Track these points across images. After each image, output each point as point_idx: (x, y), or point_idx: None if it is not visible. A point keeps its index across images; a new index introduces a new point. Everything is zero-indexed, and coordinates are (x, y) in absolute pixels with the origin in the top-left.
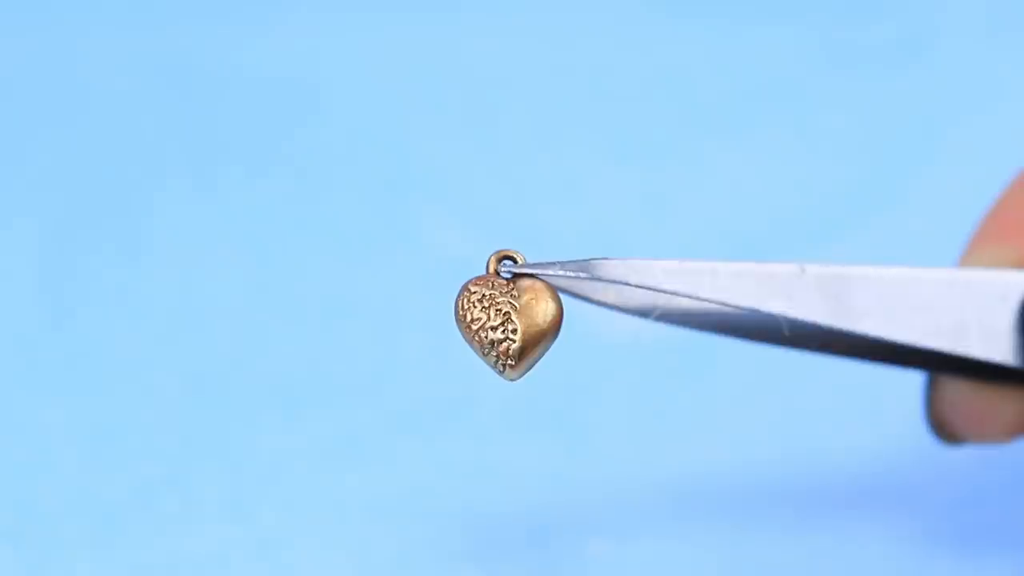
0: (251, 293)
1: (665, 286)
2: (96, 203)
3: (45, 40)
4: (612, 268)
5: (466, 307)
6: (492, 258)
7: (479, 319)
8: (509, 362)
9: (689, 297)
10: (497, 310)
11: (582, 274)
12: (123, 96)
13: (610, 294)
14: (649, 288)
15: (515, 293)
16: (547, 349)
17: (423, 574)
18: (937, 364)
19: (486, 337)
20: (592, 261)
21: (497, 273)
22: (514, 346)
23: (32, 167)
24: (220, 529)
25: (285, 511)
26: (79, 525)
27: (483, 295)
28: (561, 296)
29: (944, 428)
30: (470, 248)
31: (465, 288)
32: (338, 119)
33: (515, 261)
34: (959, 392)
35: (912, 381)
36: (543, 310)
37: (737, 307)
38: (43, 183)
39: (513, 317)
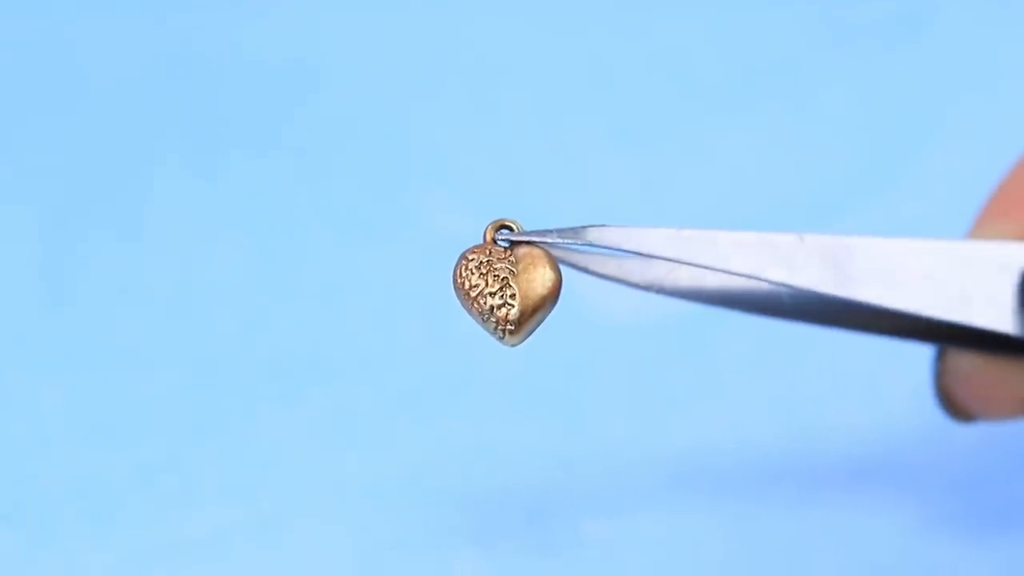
0: (250, 274)
1: (663, 253)
2: (95, 186)
3: (44, 23)
4: (609, 235)
5: (464, 274)
6: (489, 227)
7: (477, 285)
8: (509, 327)
9: (687, 264)
10: (495, 276)
11: (579, 241)
12: (122, 78)
13: (610, 266)
14: (647, 255)
15: (513, 260)
16: (546, 316)
17: (422, 553)
18: (940, 336)
19: (485, 303)
20: (589, 228)
21: (494, 241)
22: (513, 311)
23: (31, 151)
24: (220, 510)
25: (285, 491)
26: (78, 507)
27: (481, 262)
28: (561, 269)
29: (952, 402)
30: (470, 229)
31: (463, 256)
32: (337, 100)
33: (512, 230)
34: (967, 366)
35: (915, 360)
36: (541, 276)
37: (736, 275)
38: (42, 167)
39: (511, 283)
